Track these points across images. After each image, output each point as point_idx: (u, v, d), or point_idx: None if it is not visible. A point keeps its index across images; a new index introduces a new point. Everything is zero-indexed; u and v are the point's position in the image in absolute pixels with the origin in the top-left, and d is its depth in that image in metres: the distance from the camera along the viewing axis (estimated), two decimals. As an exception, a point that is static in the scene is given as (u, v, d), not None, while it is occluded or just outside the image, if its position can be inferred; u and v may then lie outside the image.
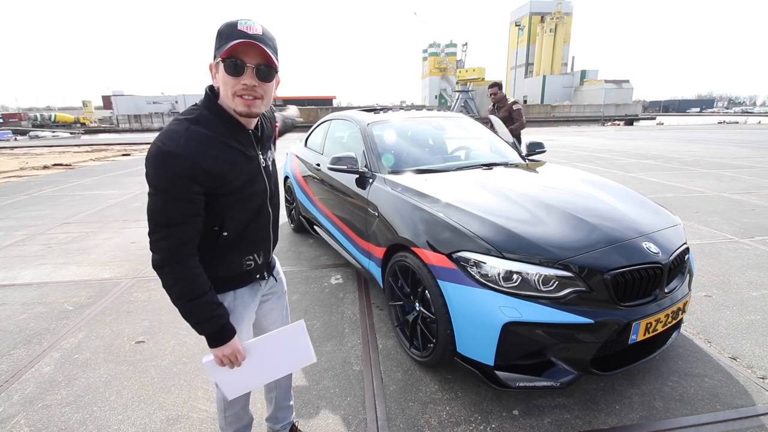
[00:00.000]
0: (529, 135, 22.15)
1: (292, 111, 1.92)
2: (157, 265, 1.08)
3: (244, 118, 1.13)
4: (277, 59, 1.08)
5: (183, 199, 1.04)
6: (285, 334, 1.27)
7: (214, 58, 1.06)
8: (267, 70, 1.07)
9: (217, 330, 1.14)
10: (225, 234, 1.18)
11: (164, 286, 1.10)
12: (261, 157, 1.23)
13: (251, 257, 1.27)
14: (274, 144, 1.42)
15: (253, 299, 1.35)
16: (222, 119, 1.12)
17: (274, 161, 1.35)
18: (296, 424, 1.77)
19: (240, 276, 1.29)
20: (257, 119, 1.20)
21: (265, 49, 1.03)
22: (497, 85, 5.66)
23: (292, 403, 1.72)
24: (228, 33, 1.02)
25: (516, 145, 3.73)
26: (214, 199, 1.11)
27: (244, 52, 1.03)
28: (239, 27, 1.02)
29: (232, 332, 1.18)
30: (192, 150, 1.04)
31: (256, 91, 1.07)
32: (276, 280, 1.49)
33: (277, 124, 1.46)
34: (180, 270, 1.08)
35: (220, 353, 1.16)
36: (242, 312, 1.31)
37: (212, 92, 1.13)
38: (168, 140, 1.03)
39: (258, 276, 1.34)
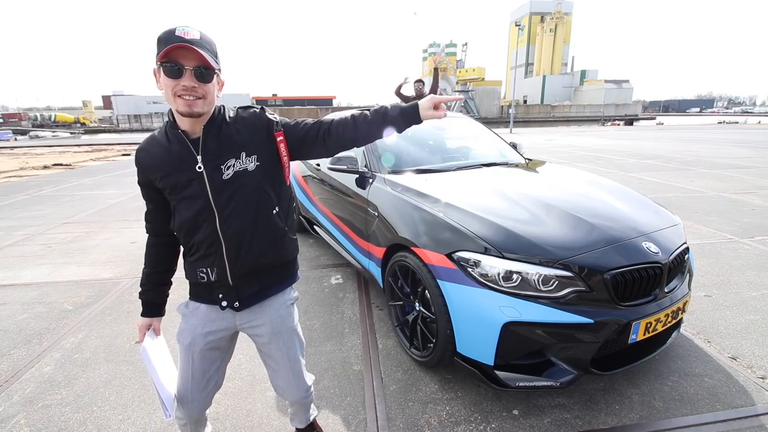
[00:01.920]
0: (521, 135, 22.13)
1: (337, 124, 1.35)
2: None
3: (187, 118, 1.15)
4: (215, 61, 1.13)
5: (140, 183, 1.29)
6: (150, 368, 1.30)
7: (156, 63, 1.10)
8: (205, 72, 1.11)
9: (141, 300, 1.37)
10: (176, 233, 1.29)
11: None
12: (200, 162, 1.18)
13: (203, 270, 1.26)
14: (282, 159, 1.29)
15: (210, 322, 1.31)
16: (169, 124, 1.21)
17: (245, 170, 1.21)
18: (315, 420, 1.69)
19: (196, 287, 1.32)
20: (211, 123, 1.20)
21: (201, 52, 1.08)
22: (421, 81, 6.72)
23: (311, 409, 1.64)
24: (166, 38, 1.07)
25: (515, 145, 3.72)
26: (159, 194, 1.27)
27: (182, 56, 1.08)
28: (176, 33, 1.08)
29: (147, 312, 1.38)
30: (140, 146, 1.25)
31: (197, 92, 1.11)
32: (259, 318, 1.34)
33: (280, 133, 1.27)
34: (147, 241, 1.37)
35: (138, 321, 1.37)
36: (191, 325, 1.31)
37: None
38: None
39: (220, 296, 1.28)
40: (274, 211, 1.28)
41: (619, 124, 44.51)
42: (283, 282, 1.37)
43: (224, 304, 1.28)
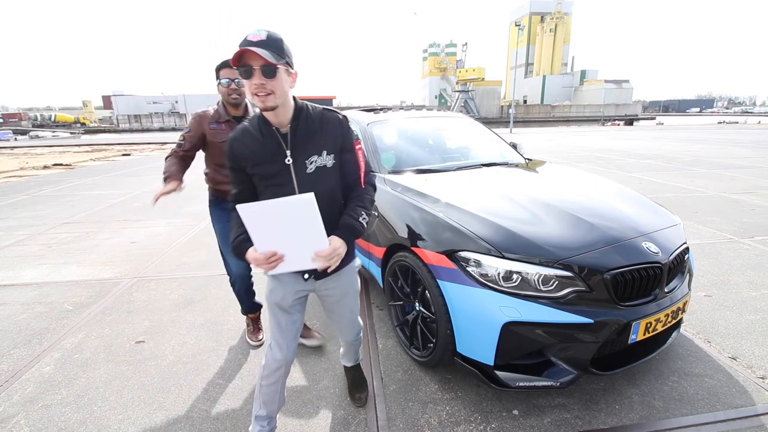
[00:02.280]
0: (521, 135, 22.13)
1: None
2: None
3: (267, 113, 1.33)
4: (278, 57, 1.24)
5: (231, 168, 1.44)
6: (292, 203, 1.26)
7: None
8: (269, 69, 1.23)
9: (237, 246, 1.40)
10: None
11: None
12: (289, 156, 1.38)
13: None
14: (359, 163, 1.52)
15: (295, 284, 1.53)
16: (261, 118, 1.39)
17: (324, 167, 1.42)
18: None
19: None
20: (296, 120, 1.38)
21: (258, 52, 1.20)
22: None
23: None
24: (240, 45, 1.24)
25: (515, 145, 3.72)
26: (248, 178, 1.42)
27: (250, 58, 1.23)
28: (248, 38, 1.24)
29: (246, 250, 1.36)
30: (234, 137, 1.40)
31: (266, 88, 1.25)
32: (334, 283, 1.58)
33: (358, 142, 1.52)
34: (235, 219, 1.39)
35: (249, 258, 1.36)
36: (280, 286, 1.53)
37: None
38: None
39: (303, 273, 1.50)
40: (342, 202, 1.52)
41: (619, 124, 44.51)
42: (349, 256, 1.55)
43: (306, 276, 1.52)
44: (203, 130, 2.14)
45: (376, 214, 2.57)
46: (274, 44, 1.24)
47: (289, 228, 1.30)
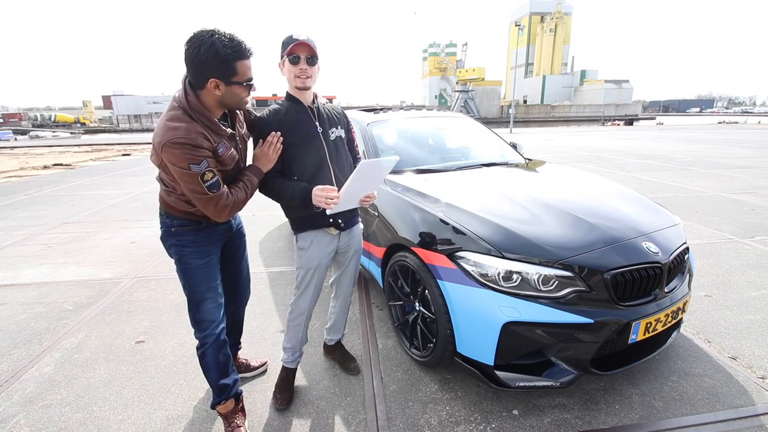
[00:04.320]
0: (521, 135, 22.13)
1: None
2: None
3: (302, 91, 1.77)
4: (317, 52, 1.71)
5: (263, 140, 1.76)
6: (387, 162, 1.73)
7: (281, 57, 1.71)
8: (312, 59, 1.72)
9: (300, 196, 1.74)
10: (295, 177, 1.79)
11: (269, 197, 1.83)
12: (318, 126, 1.81)
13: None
14: (350, 137, 2.01)
15: (325, 247, 1.91)
16: (291, 100, 1.81)
17: (341, 138, 1.89)
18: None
19: (312, 218, 1.83)
20: (315, 102, 1.83)
21: (311, 45, 1.68)
22: None
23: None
24: (288, 41, 1.67)
25: (515, 145, 3.72)
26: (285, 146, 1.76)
27: (299, 50, 1.68)
28: (294, 36, 1.66)
29: (309, 191, 1.71)
30: (265, 114, 1.78)
31: (307, 72, 1.72)
32: (350, 238, 2.00)
33: (352, 127, 2.08)
34: (268, 184, 1.77)
35: (316, 200, 1.70)
36: (315, 253, 1.89)
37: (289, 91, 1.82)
38: None
39: (330, 221, 1.85)
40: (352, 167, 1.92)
41: (619, 124, 44.51)
42: (357, 215, 2.03)
43: (341, 225, 1.90)
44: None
45: (376, 214, 2.57)
46: (312, 43, 1.70)
47: (369, 179, 1.72)
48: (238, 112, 1.68)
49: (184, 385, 2.14)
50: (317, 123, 1.80)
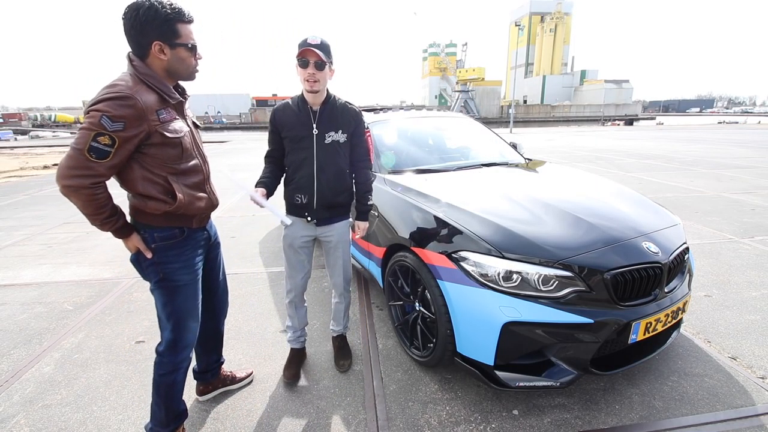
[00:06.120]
0: (521, 135, 22.13)
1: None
2: None
3: (310, 94, 1.85)
4: (327, 57, 1.78)
5: (271, 131, 2.02)
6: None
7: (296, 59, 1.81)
8: (320, 64, 1.77)
9: (258, 183, 1.98)
10: (286, 168, 2.01)
11: None
12: (315, 128, 1.89)
13: (298, 196, 1.96)
14: (360, 141, 2.05)
15: (302, 229, 2.03)
16: (300, 99, 1.93)
17: (338, 142, 1.95)
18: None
19: (293, 207, 2.01)
20: (325, 104, 1.91)
21: (317, 51, 1.74)
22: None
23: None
24: (301, 44, 1.76)
25: (515, 145, 3.72)
26: (281, 140, 1.98)
27: (308, 54, 1.75)
28: (307, 40, 1.75)
29: (262, 186, 1.95)
30: (277, 108, 1.99)
31: (315, 77, 1.79)
32: (332, 232, 2.09)
33: (368, 131, 2.28)
34: (264, 169, 2.03)
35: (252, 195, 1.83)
36: (291, 231, 2.03)
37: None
38: None
39: (306, 214, 1.98)
40: (347, 171, 2.03)
41: (619, 124, 44.50)
42: (345, 214, 2.10)
43: (309, 219, 1.99)
44: None
45: (376, 214, 2.57)
46: (324, 48, 1.77)
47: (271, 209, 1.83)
48: (187, 106, 1.55)
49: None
50: (314, 125, 1.90)
